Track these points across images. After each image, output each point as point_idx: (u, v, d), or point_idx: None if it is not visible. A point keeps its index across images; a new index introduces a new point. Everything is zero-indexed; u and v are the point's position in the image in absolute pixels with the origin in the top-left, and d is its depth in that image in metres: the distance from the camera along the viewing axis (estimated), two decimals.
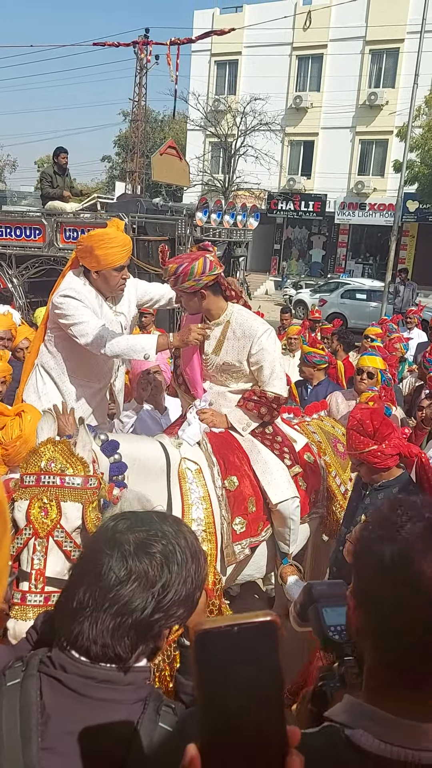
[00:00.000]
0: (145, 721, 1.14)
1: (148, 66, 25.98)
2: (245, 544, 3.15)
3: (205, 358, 3.38)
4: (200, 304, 3.25)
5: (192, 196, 21.65)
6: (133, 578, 1.16)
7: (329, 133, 31.31)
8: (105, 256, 3.54)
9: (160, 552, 1.19)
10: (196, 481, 3.02)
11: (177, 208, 11.21)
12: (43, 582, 1.97)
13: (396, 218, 17.81)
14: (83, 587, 1.17)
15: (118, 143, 44.22)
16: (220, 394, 3.43)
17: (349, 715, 1.03)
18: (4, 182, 43.55)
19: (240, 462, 3.25)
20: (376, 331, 7.42)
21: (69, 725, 1.11)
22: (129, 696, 1.16)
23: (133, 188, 23.75)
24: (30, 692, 1.14)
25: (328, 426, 4.07)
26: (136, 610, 1.15)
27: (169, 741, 1.13)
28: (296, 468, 3.41)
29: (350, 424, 2.98)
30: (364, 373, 4.78)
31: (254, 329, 3.26)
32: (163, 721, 1.15)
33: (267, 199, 31.86)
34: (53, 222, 9.82)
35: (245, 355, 3.29)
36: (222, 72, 34.09)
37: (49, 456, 2.10)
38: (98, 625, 1.15)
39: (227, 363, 3.33)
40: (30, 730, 1.11)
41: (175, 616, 1.21)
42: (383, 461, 2.89)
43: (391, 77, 29.69)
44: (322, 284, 23.48)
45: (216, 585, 2.91)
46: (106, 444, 2.56)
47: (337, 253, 32.79)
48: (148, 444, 3.01)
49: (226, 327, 3.30)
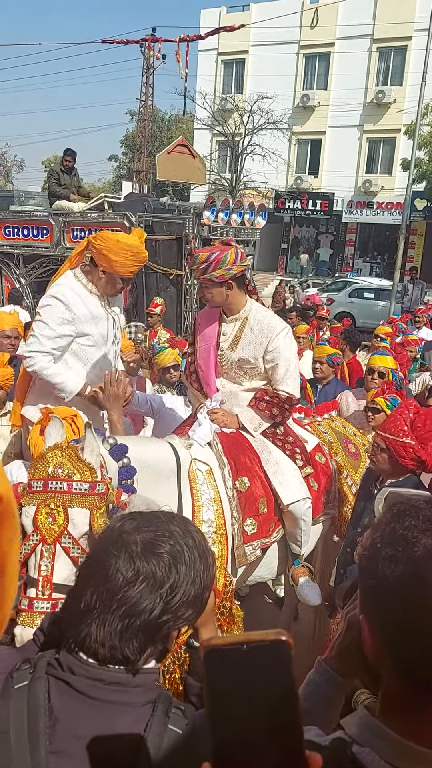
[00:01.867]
0: (155, 724, 1.12)
1: (155, 65, 26.02)
2: (256, 546, 3.12)
3: (221, 354, 3.36)
4: (225, 295, 3.25)
5: (199, 195, 21.66)
6: (140, 579, 1.14)
7: (337, 131, 31.23)
8: (120, 264, 3.53)
9: (167, 552, 1.17)
10: (206, 483, 2.99)
11: (184, 207, 11.20)
12: (51, 588, 1.96)
13: (404, 217, 17.73)
14: (90, 589, 1.15)
15: (125, 143, 44.27)
16: (232, 393, 3.41)
17: (360, 730, 0.99)
18: (11, 182, 43.67)
19: (251, 463, 3.22)
20: (386, 330, 7.39)
21: (77, 728, 1.10)
22: (138, 698, 1.14)
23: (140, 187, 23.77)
24: (38, 695, 1.13)
25: (339, 426, 4.04)
26: (144, 612, 1.13)
27: (179, 744, 1.11)
28: (308, 469, 3.39)
29: (400, 409, 2.96)
30: (375, 372, 4.75)
31: (272, 326, 3.26)
32: (173, 723, 1.14)
33: (274, 198, 31.80)
34: (60, 222, 9.82)
35: (261, 352, 3.27)
36: (229, 71, 34.05)
37: (56, 461, 2.09)
38: (106, 626, 1.13)
39: (243, 359, 3.31)
40: (38, 733, 1.10)
41: (183, 617, 1.19)
42: (408, 459, 2.88)
43: (398, 75, 29.57)
44: (329, 283, 23.40)
45: (227, 587, 2.89)
46: (114, 448, 2.53)
47: (345, 252, 32.69)
48: (158, 446, 2.98)
49: (243, 323, 3.30)
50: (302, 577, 3.30)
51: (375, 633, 0.98)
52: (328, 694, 1.28)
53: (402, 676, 0.95)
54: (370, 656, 1.01)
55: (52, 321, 3.46)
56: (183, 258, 9.73)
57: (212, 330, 3.37)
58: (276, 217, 30.49)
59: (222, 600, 2.85)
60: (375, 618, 0.97)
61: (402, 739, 0.93)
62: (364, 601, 1.00)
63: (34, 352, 3.45)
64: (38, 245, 10.07)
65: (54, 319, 3.46)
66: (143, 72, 28.79)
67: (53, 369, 3.48)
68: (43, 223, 10.02)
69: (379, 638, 0.97)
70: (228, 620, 2.89)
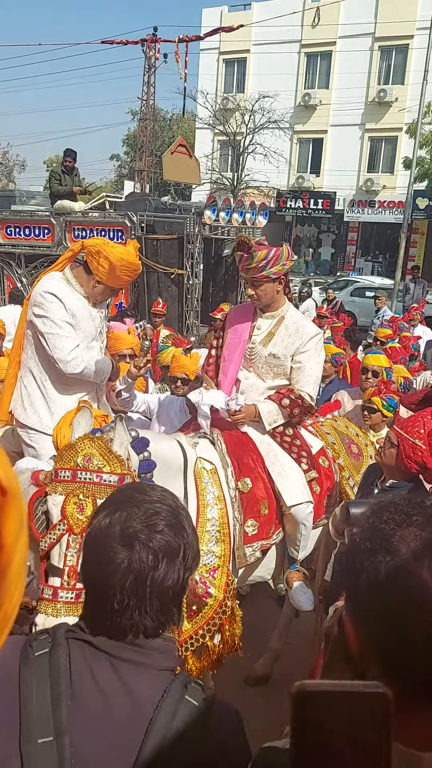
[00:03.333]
0: (173, 691, 1.18)
1: (156, 64, 26.00)
2: (257, 547, 3.13)
3: (252, 347, 3.42)
4: (276, 291, 3.36)
5: (201, 195, 21.65)
6: (161, 557, 1.21)
7: (338, 130, 31.20)
8: (119, 278, 3.56)
9: (165, 524, 1.24)
10: (211, 481, 3.01)
11: (185, 207, 11.23)
12: (75, 578, 1.95)
13: (406, 216, 17.73)
14: (117, 588, 1.19)
15: (126, 142, 44.26)
16: (254, 386, 3.46)
17: None
18: (13, 182, 43.70)
19: (254, 464, 3.23)
20: (386, 332, 7.41)
21: (98, 684, 1.17)
22: (157, 662, 1.21)
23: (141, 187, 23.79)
24: (59, 659, 1.18)
25: (341, 426, 4.04)
26: (174, 583, 1.22)
27: (193, 716, 1.16)
28: (312, 473, 3.39)
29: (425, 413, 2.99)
30: (369, 371, 4.78)
31: (308, 329, 3.40)
32: (190, 695, 1.19)
33: (276, 197, 31.78)
34: (62, 221, 9.84)
35: (292, 351, 3.35)
36: (230, 70, 34.03)
37: (86, 452, 2.08)
38: (148, 611, 1.20)
39: (273, 355, 3.38)
40: (60, 693, 1.15)
41: (195, 567, 1.29)
42: (412, 461, 2.89)
43: (400, 74, 29.52)
44: (331, 282, 23.38)
45: (229, 586, 2.90)
46: (137, 441, 2.53)
47: (347, 251, 32.66)
48: (168, 442, 2.99)
49: (280, 321, 3.40)
50: (296, 581, 3.30)
51: (358, 629, 0.98)
52: None
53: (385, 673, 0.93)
54: (355, 654, 1.01)
55: (60, 315, 3.45)
56: (184, 257, 9.74)
57: (245, 326, 3.47)
58: (277, 216, 30.47)
59: (225, 599, 2.86)
60: (357, 613, 0.98)
61: None
62: (347, 597, 1.01)
63: (74, 350, 3.43)
64: (40, 245, 10.09)
65: (59, 313, 3.46)
66: (144, 71, 28.76)
67: (98, 361, 3.54)
68: (45, 223, 10.04)
69: (361, 634, 0.97)
70: (230, 619, 2.90)
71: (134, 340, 5.16)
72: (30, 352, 3.60)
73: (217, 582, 2.85)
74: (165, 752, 1.13)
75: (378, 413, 4.17)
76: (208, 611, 2.82)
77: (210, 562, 2.89)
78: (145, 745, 1.13)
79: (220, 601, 2.83)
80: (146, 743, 1.13)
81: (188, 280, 9.86)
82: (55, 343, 3.43)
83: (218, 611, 2.83)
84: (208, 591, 2.82)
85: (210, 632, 2.83)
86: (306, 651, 3.56)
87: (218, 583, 2.85)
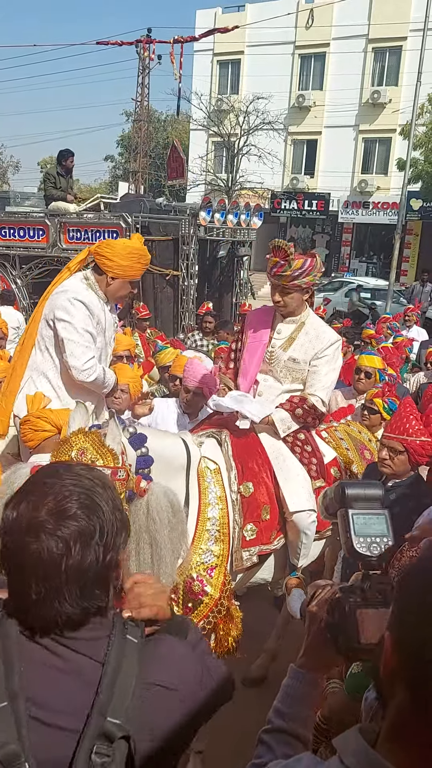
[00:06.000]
0: (115, 636, 1.23)
1: (150, 66, 26.01)
2: (254, 552, 3.12)
3: (271, 351, 3.45)
4: (302, 300, 3.42)
5: (195, 196, 21.66)
6: (71, 543, 1.18)
7: (332, 131, 31.25)
8: (130, 268, 3.64)
9: (77, 507, 1.21)
10: (214, 481, 3.02)
11: (180, 208, 11.21)
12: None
13: (400, 217, 17.76)
14: (32, 580, 1.18)
15: (121, 143, 44.21)
16: (272, 387, 3.48)
17: (358, 762, 0.96)
18: (7, 183, 43.60)
19: (259, 468, 3.22)
20: (369, 332, 7.47)
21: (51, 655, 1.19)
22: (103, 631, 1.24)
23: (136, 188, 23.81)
24: (9, 629, 1.21)
25: (354, 431, 4.03)
26: (91, 565, 1.19)
27: (137, 651, 1.22)
28: (319, 482, 3.37)
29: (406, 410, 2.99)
30: (362, 372, 4.81)
31: (328, 335, 3.44)
32: (131, 634, 1.25)
33: (270, 198, 31.80)
34: (56, 222, 9.82)
35: (311, 356, 3.38)
36: (224, 71, 34.04)
37: (80, 446, 2.09)
38: (68, 598, 1.18)
39: (293, 359, 3.41)
40: (11, 661, 1.17)
41: (120, 543, 1.26)
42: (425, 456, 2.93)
43: (394, 75, 29.60)
44: (326, 283, 23.43)
45: (225, 586, 2.90)
46: (134, 437, 2.56)
47: (341, 252, 32.72)
48: (171, 440, 3.00)
49: (300, 326, 3.44)
50: (295, 588, 3.30)
51: (396, 650, 0.94)
52: (303, 691, 1.31)
53: (418, 705, 0.90)
54: (385, 677, 0.98)
55: (83, 323, 3.52)
56: (179, 258, 9.74)
57: (265, 329, 3.50)
58: (272, 217, 30.49)
59: (221, 598, 2.86)
60: (408, 638, 0.93)
61: None
62: (397, 614, 0.98)
63: (90, 361, 3.51)
64: (34, 246, 10.07)
65: (84, 321, 3.53)
66: (139, 72, 28.80)
67: (107, 371, 3.61)
68: (39, 224, 10.02)
69: (403, 658, 0.93)
70: (225, 619, 2.90)
71: (131, 342, 5.19)
72: (46, 356, 3.64)
73: (214, 581, 2.86)
74: (119, 687, 1.17)
75: (378, 414, 4.18)
76: (203, 609, 2.83)
77: (208, 561, 2.89)
78: (101, 684, 1.17)
79: (216, 600, 2.84)
80: (102, 683, 1.17)
81: (183, 281, 9.86)
82: (73, 350, 3.50)
83: (213, 610, 2.84)
84: (205, 589, 2.83)
85: (204, 630, 2.83)
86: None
87: (215, 582, 2.86)
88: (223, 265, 11.34)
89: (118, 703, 1.17)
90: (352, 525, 1.34)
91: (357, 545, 1.32)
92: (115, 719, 1.15)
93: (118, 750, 1.14)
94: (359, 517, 1.35)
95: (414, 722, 0.91)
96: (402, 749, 0.92)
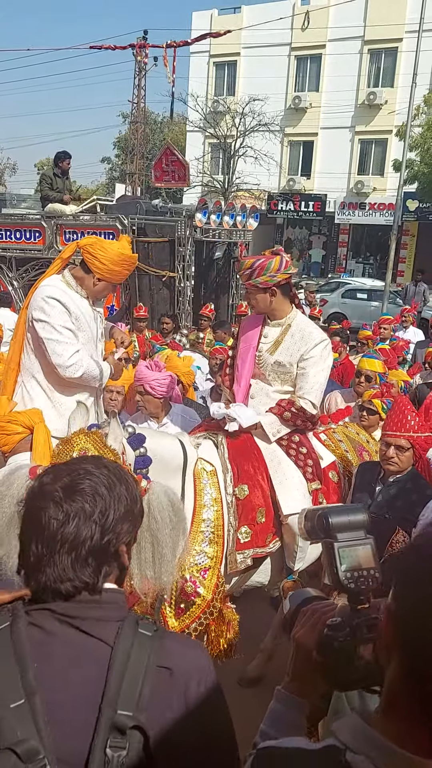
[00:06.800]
0: (125, 627, 1.26)
1: (146, 68, 26.03)
2: (248, 554, 3.11)
3: (259, 355, 3.43)
4: (270, 301, 3.34)
5: (192, 198, 21.65)
6: (72, 516, 1.28)
7: (328, 133, 31.29)
8: (119, 273, 3.66)
9: (87, 486, 1.32)
10: (209, 482, 3.02)
11: (176, 210, 11.22)
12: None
13: (396, 217, 17.79)
14: (33, 542, 1.29)
15: (117, 145, 44.23)
16: (263, 390, 3.47)
17: (354, 737, 0.98)
18: (4, 185, 43.55)
19: (254, 471, 3.22)
20: (366, 333, 7.49)
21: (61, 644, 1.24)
22: (112, 614, 1.29)
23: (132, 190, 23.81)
24: (20, 628, 1.25)
25: (352, 432, 4.04)
26: (86, 540, 1.28)
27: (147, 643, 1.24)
28: (315, 484, 3.37)
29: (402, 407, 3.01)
30: (362, 375, 4.82)
31: (313, 336, 3.36)
32: (143, 628, 1.28)
33: (267, 199, 31.83)
34: (53, 224, 9.82)
35: (297, 358, 3.34)
36: (221, 73, 34.07)
37: (81, 446, 2.10)
38: (58, 565, 1.27)
39: (279, 362, 3.38)
40: (25, 658, 1.21)
41: (123, 531, 1.34)
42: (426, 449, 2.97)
43: (389, 76, 29.65)
44: (322, 284, 23.44)
45: (219, 588, 2.90)
46: (133, 437, 2.57)
47: (338, 253, 32.75)
48: (168, 440, 3.01)
49: (286, 329, 3.39)
50: (291, 592, 3.29)
51: (391, 622, 0.97)
52: (291, 718, 1.26)
53: (409, 676, 0.93)
54: (380, 651, 1.00)
55: (61, 320, 3.49)
56: (175, 260, 9.75)
57: (254, 333, 3.46)
58: (269, 218, 30.52)
59: (213, 600, 2.86)
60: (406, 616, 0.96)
61: (399, 749, 0.92)
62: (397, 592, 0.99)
63: (74, 356, 3.47)
64: (31, 248, 10.07)
65: (61, 318, 3.50)
66: (135, 74, 28.83)
67: (92, 363, 3.56)
68: (36, 226, 10.02)
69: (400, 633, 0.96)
70: (217, 621, 2.90)
71: None
72: (32, 358, 3.62)
73: (207, 582, 2.86)
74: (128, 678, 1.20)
75: (376, 415, 4.20)
76: (195, 610, 2.83)
77: (201, 562, 2.89)
78: (110, 677, 1.20)
79: (208, 602, 2.84)
80: (110, 676, 1.20)
81: (180, 282, 9.86)
82: (54, 349, 3.46)
83: (206, 611, 2.84)
84: (197, 590, 2.83)
85: (196, 631, 2.84)
86: None
87: (208, 584, 2.86)
88: (220, 267, 11.34)
89: (127, 693, 1.19)
90: (338, 558, 1.28)
91: (344, 580, 1.26)
92: (125, 711, 1.17)
93: (132, 741, 1.16)
94: (345, 549, 1.29)
95: (405, 693, 0.94)
96: (394, 721, 0.95)
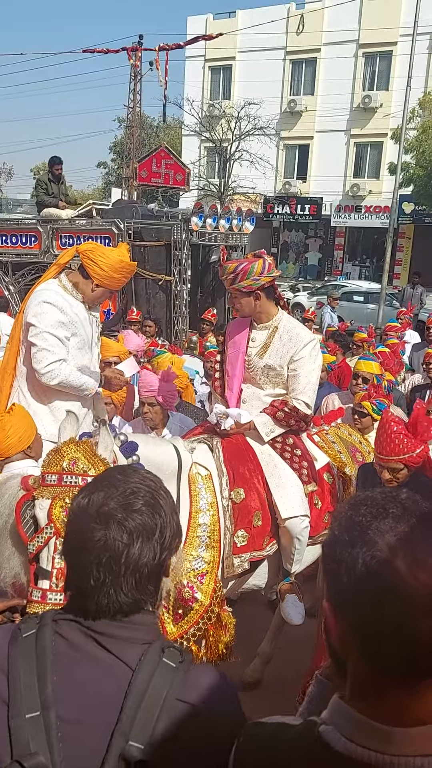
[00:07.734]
0: (150, 654, 1.22)
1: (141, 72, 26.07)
2: (245, 558, 3.11)
3: (249, 359, 3.42)
4: (254, 305, 3.33)
5: (188, 201, 21.65)
6: (135, 536, 1.24)
7: (324, 136, 31.37)
8: (118, 280, 3.70)
9: (143, 504, 1.28)
10: (205, 487, 3.02)
11: (172, 214, 11.21)
12: (64, 581, 1.97)
13: (392, 220, 17.81)
14: (93, 566, 1.23)
15: (113, 149, 44.26)
16: (254, 394, 3.46)
17: (330, 712, 1.05)
18: (0, 190, 43.58)
19: (250, 474, 3.21)
20: (361, 336, 7.50)
21: (84, 659, 1.21)
22: (140, 635, 1.25)
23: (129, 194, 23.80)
24: (45, 637, 1.23)
25: (345, 434, 4.05)
26: (149, 561, 1.25)
27: (170, 675, 1.20)
28: (311, 486, 3.37)
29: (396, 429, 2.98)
30: (359, 377, 4.82)
31: (301, 337, 3.35)
32: (168, 657, 1.23)
33: (263, 203, 31.88)
34: (49, 229, 9.83)
35: (287, 360, 3.33)
36: (216, 77, 34.14)
37: (71, 456, 2.09)
38: (123, 588, 1.23)
39: (269, 366, 3.37)
40: (45, 670, 1.19)
41: (174, 546, 1.32)
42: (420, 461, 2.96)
43: (384, 80, 29.75)
44: (319, 287, 23.47)
45: (216, 592, 2.89)
46: (125, 445, 2.56)
47: (334, 256, 32.82)
48: (162, 446, 3.01)
49: (273, 331, 3.38)
50: (289, 594, 3.28)
51: (339, 618, 1.02)
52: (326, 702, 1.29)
53: (366, 660, 0.99)
54: (336, 643, 1.05)
55: (51, 327, 3.50)
56: (172, 264, 9.76)
57: (242, 337, 3.44)
58: (265, 222, 30.57)
59: (211, 605, 2.85)
60: (338, 603, 1.02)
61: (364, 718, 0.98)
62: (328, 587, 1.04)
63: (52, 364, 3.48)
64: (27, 253, 10.08)
65: (52, 324, 3.50)
66: (131, 79, 28.87)
67: (74, 374, 3.55)
68: (32, 231, 10.03)
69: (341, 623, 1.02)
70: (216, 626, 2.89)
71: (121, 348, 5.16)
72: (29, 364, 3.65)
73: (204, 587, 2.85)
74: (144, 709, 1.17)
75: (368, 417, 4.20)
76: (193, 616, 2.82)
77: (198, 568, 2.89)
78: (126, 704, 1.16)
79: (206, 607, 2.83)
80: (126, 703, 1.16)
81: (176, 286, 9.86)
82: (35, 354, 3.50)
83: (204, 616, 2.83)
84: (195, 596, 2.82)
85: (195, 636, 2.83)
86: (297, 655, 3.56)
87: (205, 589, 2.85)
88: (216, 270, 11.35)
89: (141, 724, 1.15)
90: None
91: None
92: (136, 743, 1.14)
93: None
94: None
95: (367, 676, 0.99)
96: (362, 698, 1.01)
